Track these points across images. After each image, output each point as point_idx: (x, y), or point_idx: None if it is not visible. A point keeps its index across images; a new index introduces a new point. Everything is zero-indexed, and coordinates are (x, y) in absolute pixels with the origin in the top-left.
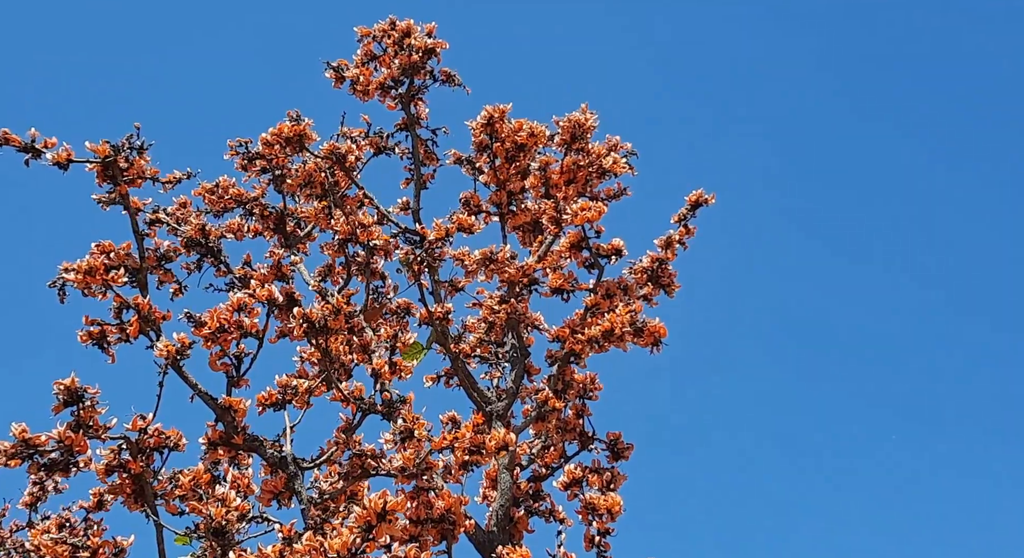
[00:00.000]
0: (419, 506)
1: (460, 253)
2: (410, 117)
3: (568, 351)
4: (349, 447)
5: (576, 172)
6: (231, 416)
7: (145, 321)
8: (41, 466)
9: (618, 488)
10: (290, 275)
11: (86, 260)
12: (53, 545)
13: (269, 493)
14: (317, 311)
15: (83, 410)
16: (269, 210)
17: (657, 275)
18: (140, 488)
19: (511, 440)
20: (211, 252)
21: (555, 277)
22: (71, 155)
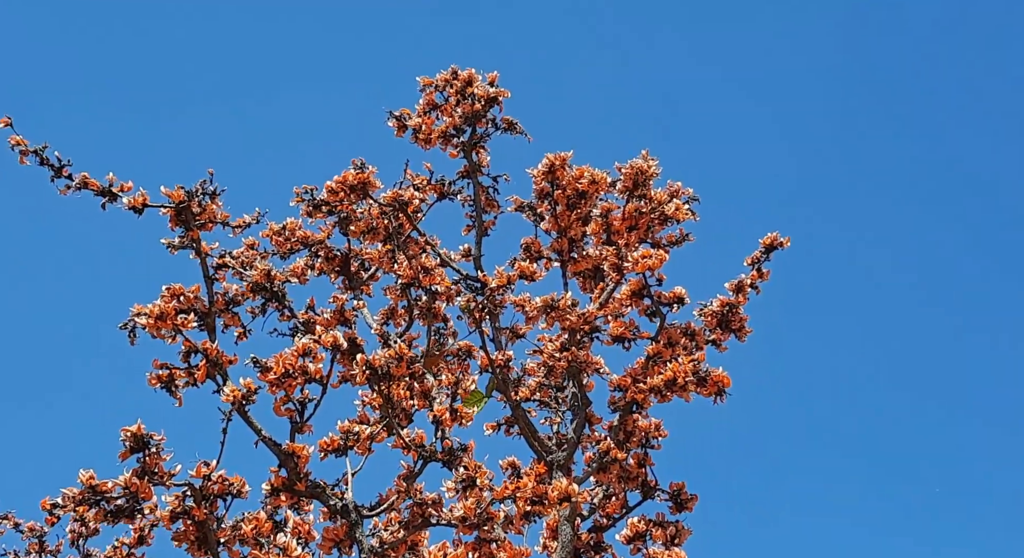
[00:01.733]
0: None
1: (521, 299)
2: (472, 165)
3: (630, 400)
4: (410, 495)
5: (638, 219)
6: (294, 462)
7: (213, 365)
8: (107, 513)
9: (682, 543)
10: (353, 320)
11: (158, 304)
12: None
13: (330, 541)
14: (380, 357)
15: (149, 457)
16: (334, 252)
17: (727, 320)
18: (204, 535)
19: (573, 491)
20: (276, 297)
21: (616, 325)
22: (146, 200)
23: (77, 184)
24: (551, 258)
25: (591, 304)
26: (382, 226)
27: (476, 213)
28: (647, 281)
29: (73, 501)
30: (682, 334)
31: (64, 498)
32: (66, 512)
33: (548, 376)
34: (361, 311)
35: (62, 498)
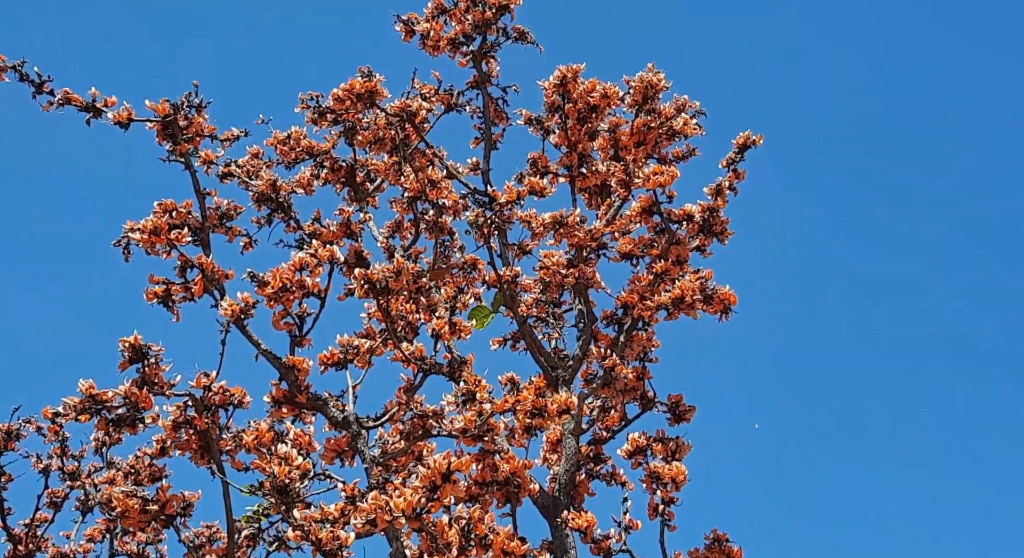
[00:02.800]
0: (484, 469)
1: (528, 216)
2: (481, 74)
3: (636, 318)
4: (411, 407)
5: (646, 134)
6: (294, 375)
7: (209, 280)
8: (109, 422)
9: (683, 457)
10: (359, 232)
11: (151, 219)
12: (124, 498)
13: (332, 452)
14: (378, 272)
15: (148, 367)
16: (340, 163)
17: (709, 224)
18: (206, 444)
19: (573, 403)
20: (281, 208)
21: (625, 242)
22: (131, 114)
23: (60, 100)
24: (559, 173)
25: (598, 220)
26: (389, 137)
27: (485, 125)
28: (657, 198)
29: (74, 410)
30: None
31: (65, 407)
32: (68, 420)
33: (544, 292)
34: (367, 224)
35: (63, 407)
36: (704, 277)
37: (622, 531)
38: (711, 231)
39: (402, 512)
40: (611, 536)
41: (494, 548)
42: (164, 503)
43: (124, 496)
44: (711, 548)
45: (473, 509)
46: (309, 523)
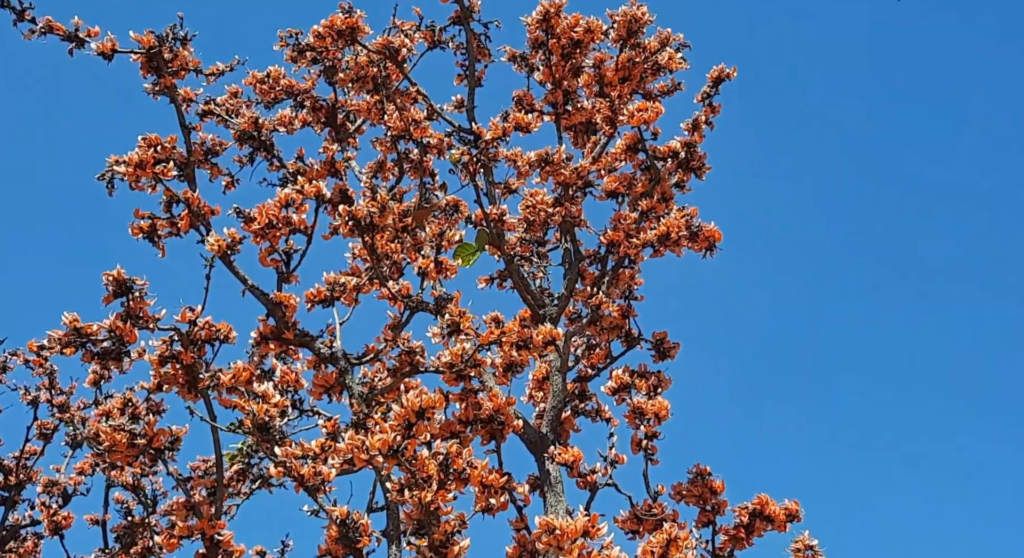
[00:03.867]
0: (468, 407)
1: (514, 154)
2: (463, 9)
3: (622, 256)
4: (397, 344)
5: (631, 69)
6: (281, 311)
7: (195, 215)
8: (94, 355)
9: (664, 392)
10: (343, 171)
11: (135, 153)
12: (112, 432)
13: (320, 387)
14: (363, 208)
15: (132, 301)
16: (320, 103)
17: (687, 160)
18: (193, 379)
19: (558, 334)
20: (264, 146)
21: (611, 180)
22: (115, 46)
23: (42, 28)
24: (544, 111)
25: (584, 159)
26: (370, 75)
27: (468, 62)
28: (642, 135)
29: (59, 343)
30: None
31: (50, 340)
32: (52, 353)
33: (528, 231)
34: (350, 163)
35: (48, 340)
36: (689, 214)
37: (608, 465)
38: (689, 166)
39: (378, 451)
40: (597, 470)
41: (472, 481)
42: (152, 437)
43: (112, 430)
44: (694, 482)
45: (451, 444)
46: (291, 460)
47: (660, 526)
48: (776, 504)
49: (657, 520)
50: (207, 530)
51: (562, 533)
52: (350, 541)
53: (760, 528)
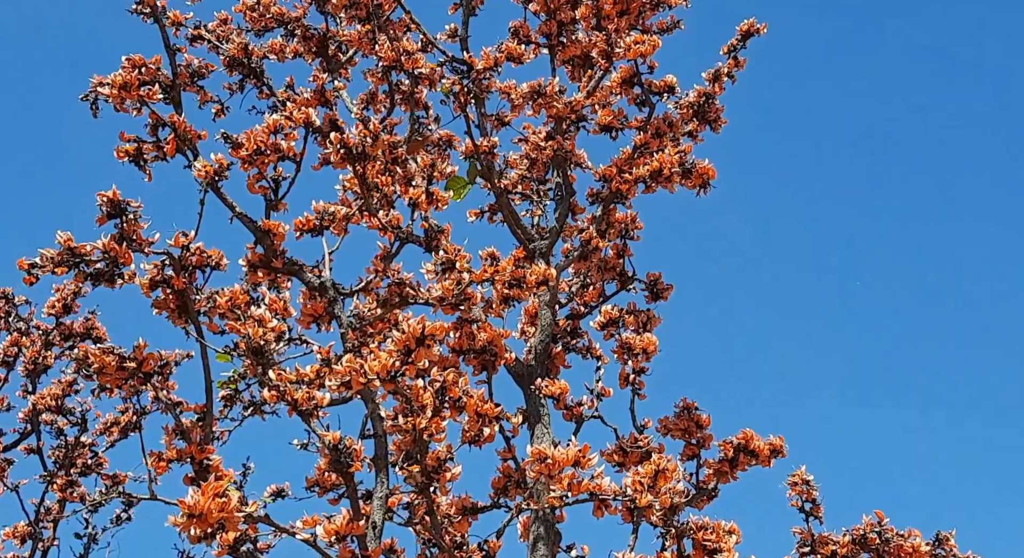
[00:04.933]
0: (462, 337)
1: (507, 86)
2: None
3: (614, 191)
4: (387, 275)
5: (629, 3)
6: (270, 240)
7: (181, 140)
8: (87, 276)
9: (653, 329)
10: (333, 101)
11: (119, 74)
12: (101, 354)
13: (309, 316)
14: (355, 137)
15: (126, 223)
16: (311, 32)
17: (704, 110)
18: (184, 304)
19: (551, 274)
20: (254, 73)
21: (604, 114)
22: None
23: None
24: (539, 43)
25: (579, 92)
26: (363, 3)
27: None
28: (638, 69)
29: (52, 262)
30: (663, 123)
31: (42, 258)
32: (45, 272)
33: (531, 169)
34: (341, 94)
35: (40, 258)
36: (683, 151)
37: (594, 398)
38: (705, 117)
39: (376, 375)
40: (583, 403)
41: (467, 409)
42: (141, 361)
43: (100, 353)
44: (680, 416)
45: (447, 372)
46: (285, 384)
47: (646, 458)
48: (761, 439)
49: (643, 452)
50: (196, 454)
51: (553, 462)
52: (342, 466)
53: (744, 462)
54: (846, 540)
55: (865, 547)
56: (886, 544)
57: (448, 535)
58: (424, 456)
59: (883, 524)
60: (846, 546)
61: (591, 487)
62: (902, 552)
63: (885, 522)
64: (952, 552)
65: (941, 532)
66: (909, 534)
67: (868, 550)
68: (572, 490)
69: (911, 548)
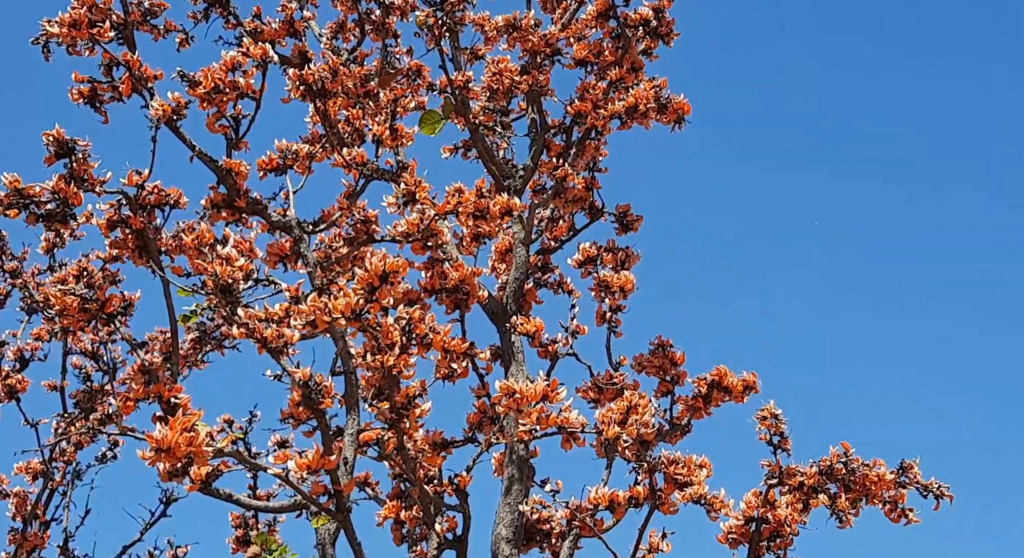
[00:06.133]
0: (433, 276)
1: (481, 18)
2: None
3: (589, 127)
4: (352, 213)
5: None
6: (232, 179)
7: (137, 79)
8: (39, 217)
9: (631, 267)
10: (302, 31)
11: (69, 13)
12: (62, 296)
13: (275, 256)
14: (314, 73)
15: (76, 162)
16: None
17: (656, 27)
18: (144, 244)
19: (515, 204)
20: (219, 2)
21: (580, 47)
22: None
23: None
24: None
25: (553, 25)
26: None
27: None
28: (613, 1)
29: (0, 204)
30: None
31: None
32: None
33: (492, 100)
34: (310, 24)
35: None
36: (659, 85)
37: (569, 336)
38: (657, 33)
39: (341, 313)
40: (558, 340)
41: (435, 345)
42: (104, 302)
43: (61, 294)
44: (655, 353)
45: (413, 309)
46: (253, 321)
47: (620, 395)
48: (734, 376)
49: (617, 389)
50: (164, 393)
51: (522, 396)
52: (313, 402)
53: (718, 398)
54: (813, 471)
55: (831, 478)
56: (852, 474)
57: (422, 469)
58: (394, 393)
59: (849, 455)
60: (813, 477)
61: (559, 421)
62: (867, 481)
63: (851, 453)
64: (916, 479)
65: (905, 461)
66: (874, 464)
67: (834, 480)
68: (541, 424)
69: (876, 477)
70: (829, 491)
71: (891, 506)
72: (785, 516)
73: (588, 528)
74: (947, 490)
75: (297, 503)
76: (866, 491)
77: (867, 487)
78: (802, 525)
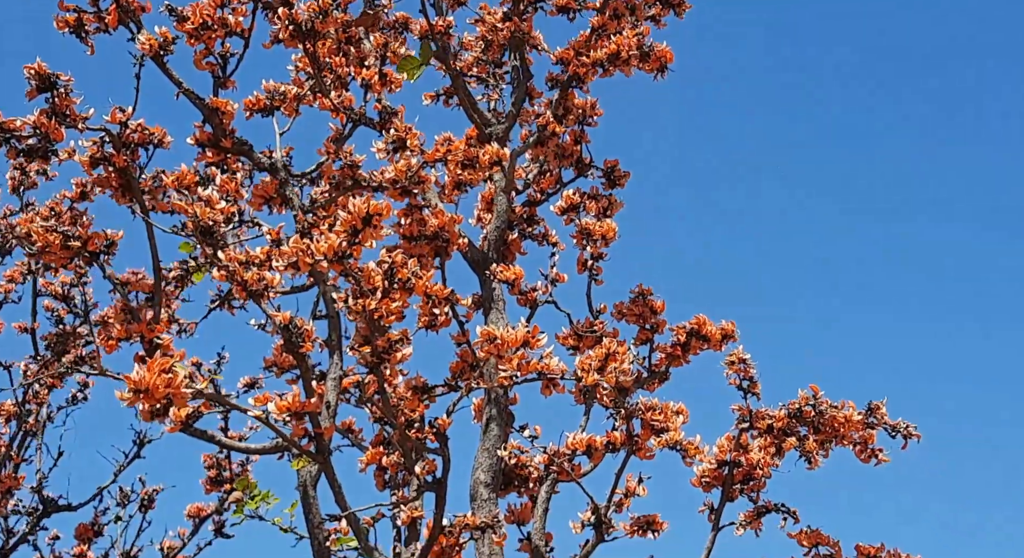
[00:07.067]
0: (413, 223)
1: None
2: None
3: (571, 74)
4: (339, 158)
5: None
6: (219, 118)
7: (124, 11)
8: (20, 151)
9: (614, 214)
10: None
11: None
12: (44, 232)
13: (260, 198)
14: (304, 12)
15: (58, 97)
16: None
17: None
18: (127, 182)
19: (504, 154)
20: None
21: None
22: None
23: None
24: None
25: None
26: None
27: None
28: None
29: None
30: (625, 7)
31: None
32: None
33: (487, 51)
34: None
35: None
36: (642, 33)
37: (549, 283)
38: (669, 2)
39: (324, 255)
40: (538, 288)
41: (416, 290)
42: (86, 239)
43: (44, 231)
44: (635, 301)
45: (395, 253)
46: (234, 264)
47: (599, 343)
48: (713, 324)
49: (597, 337)
50: (146, 333)
51: (502, 342)
52: (294, 346)
53: (696, 347)
54: (782, 414)
55: (800, 420)
56: (820, 416)
57: (402, 414)
58: (377, 337)
59: (818, 398)
60: (782, 420)
61: (540, 367)
62: (836, 423)
63: (820, 395)
64: (883, 420)
65: (872, 402)
66: (843, 405)
67: (803, 423)
68: (521, 370)
69: (844, 418)
70: (799, 433)
71: (860, 447)
72: (757, 459)
73: (565, 473)
74: (914, 430)
75: (278, 445)
76: (835, 433)
77: (836, 429)
78: (774, 468)
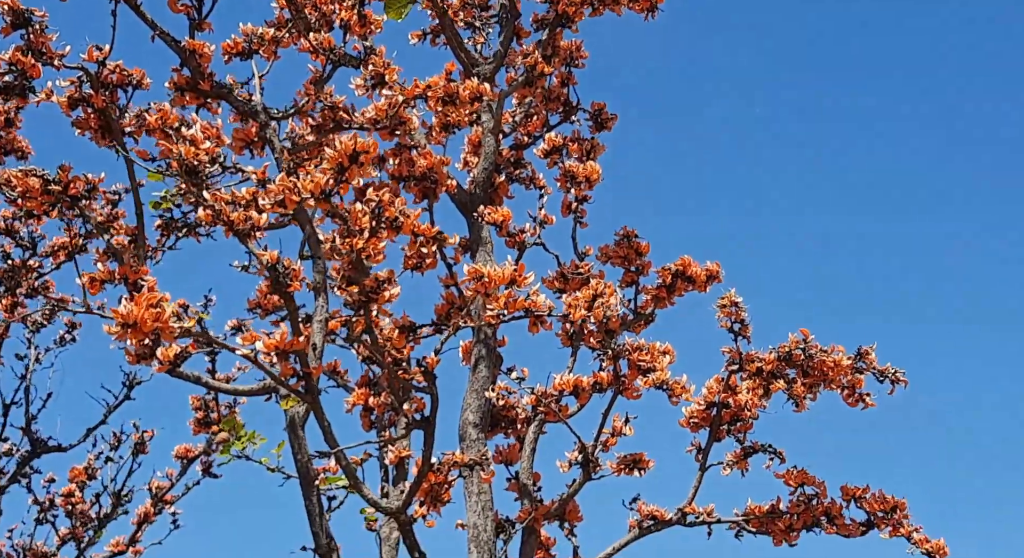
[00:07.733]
0: (401, 163)
1: None
2: None
3: (560, 14)
4: (320, 99)
5: None
6: (196, 61)
7: None
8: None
9: (597, 157)
10: None
11: None
12: (24, 177)
13: (241, 141)
14: None
15: (33, 34)
16: None
17: None
18: (106, 123)
19: (485, 89)
20: None
21: None
22: None
23: None
24: None
25: None
26: None
27: None
28: None
29: None
30: None
31: None
32: None
33: None
34: None
35: None
36: None
37: (536, 225)
38: None
39: (310, 193)
40: (525, 230)
41: (404, 229)
42: (67, 183)
43: (24, 175)
44: (620, 244)
45: (382, 192)
46: (220, 204)
47: (586, 284)
48: (698, 265)
49: (583, 279)
50: (129, 275)
51: (490, 280)
52: (281, 286)
53: (682, 288)
54: (772, 357)
55: (790, 363)
56: (810, 360)
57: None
58: (363, 277)
59: (808, 341)
60: (772, 363)
61: (527, 304)
62: (825, 367)
63: (810, 339)
64: (872, 365)
65: (862, 347)
66: (832, 349)
67: (793, 366)
68: (508, 307)
69: (833, 363)
70: (787, 376)
71: (848, 391)
72: (745, 401)
73: (553, 413)
74: (902, 375)
75: (266, 386)
76: (824, 376)
77: (824, 373)
78: (762, 409)
